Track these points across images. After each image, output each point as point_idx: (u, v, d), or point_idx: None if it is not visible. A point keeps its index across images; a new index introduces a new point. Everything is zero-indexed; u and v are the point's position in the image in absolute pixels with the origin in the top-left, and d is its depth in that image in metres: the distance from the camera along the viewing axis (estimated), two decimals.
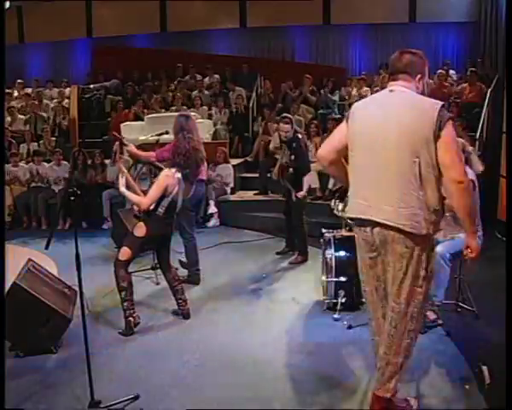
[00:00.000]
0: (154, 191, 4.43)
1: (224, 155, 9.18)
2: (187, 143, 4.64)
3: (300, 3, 13.51)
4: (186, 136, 4.68)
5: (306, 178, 6.44)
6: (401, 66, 2.91)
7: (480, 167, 4.41)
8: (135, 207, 5.15)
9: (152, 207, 4.46)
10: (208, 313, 4.96)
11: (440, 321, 4.40)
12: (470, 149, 4.50)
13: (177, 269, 5.48)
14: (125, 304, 4.45)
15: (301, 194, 6.35)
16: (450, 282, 4.59)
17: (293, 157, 6.30)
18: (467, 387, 3.47)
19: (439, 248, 4.51)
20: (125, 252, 4.47)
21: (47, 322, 4.09)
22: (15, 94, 13.01)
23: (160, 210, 4.47)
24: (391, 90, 2.91)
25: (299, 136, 6.49)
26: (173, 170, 4.54)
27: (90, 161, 9.14)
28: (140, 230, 4.47)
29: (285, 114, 6.87)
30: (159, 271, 5.73)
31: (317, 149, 8.70)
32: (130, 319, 4.44)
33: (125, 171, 4.65)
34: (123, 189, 4.50)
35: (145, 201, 4.44)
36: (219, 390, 3.58)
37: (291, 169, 6.33)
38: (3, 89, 5.92)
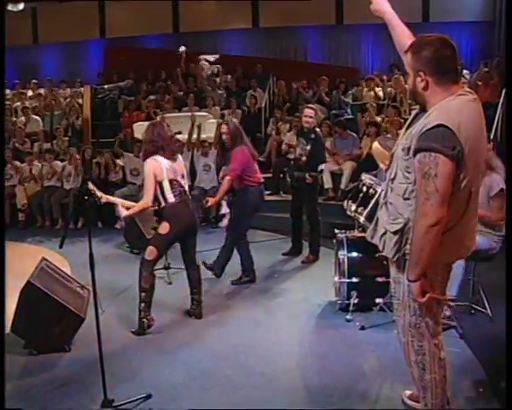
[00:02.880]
0: (147, 183, 4.42)
1: None
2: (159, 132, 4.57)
3: (313, 3, 13.49)
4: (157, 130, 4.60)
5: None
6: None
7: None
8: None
9: (161, 200, 4.47)
10: (220, 314, 4.96)
11: (454, 323, 4.36)
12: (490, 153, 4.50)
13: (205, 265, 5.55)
14: (142, 305, 4.45)
15: (314, 174, 6.35)
16: (464, 281, 4.55)
17: (308, 147, 6.30)
18: (481, 390, 3.43)
19: None
20: (151, 251, 4.47)
21: (60, 321, 4.12)
22: (29, 94, 13.12)
23: (170, 196, 4.47)
24: (475, 99, 2.53)
25: (318, 130, 6.64)
26: (153, 157, 4.46)
27: (101, 160, 9.18)
28: (164, 227, 4.47)
29: (310, 105, 7.00)
30: (171, 270, 5.77)
31: (328, 150, 8.71)
32: (145, 320, 4.46)
33: (115, 198, 4.80)
34: (124, 213, 4.57)
35: (145, 198, 4.43)
36: (231, 391, 3.57)
37: (304, 158, 6.32)
38: (3, 89, 5.99)
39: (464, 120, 2.40)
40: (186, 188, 4.66)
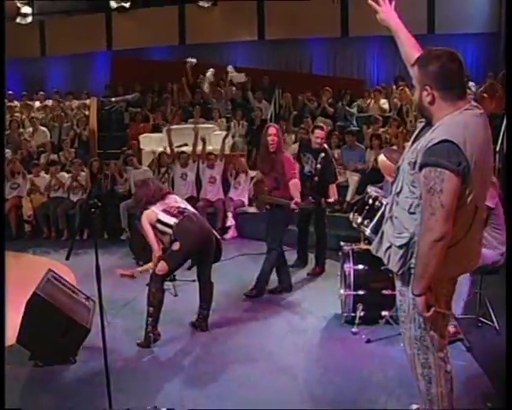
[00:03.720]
0: (148, 236, 4.62)
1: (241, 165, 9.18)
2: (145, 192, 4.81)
3: (318, 16, 13.56)
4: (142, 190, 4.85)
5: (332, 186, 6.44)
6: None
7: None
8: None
9: (166, 230, 4.59)
10: (225, 326, 4.94)
11: (461, 336, 4.34)
12: None
13: None
14: (150, 319, 4.45)
15: (333, 199, 6.35)
16: (470, 295, 4.53)
17: (319, 166, 6.28)
18: (489, 405, 3.41)
19: None
20: (161, 266, 4.49)
21: (66, 332, 4.12)
22: (37, 105, 13.21)
23: (170, 219, 4.55)
24: (481, 113, 2.52)
25: (327, 147, 6.61)
26: (148, 208, 4.66)
27: (108, 172, 9.21)
28: (175, 244, 4.50)
29: (320, 124, 7.03)
30: (177, 282, 5.76)
31: (336, 161, 8.71)
32: (151, 335, 4.45)
33: (143, 268, 4.88)
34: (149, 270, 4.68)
35: (154, 249, 4.60)
36: (236, 403, 3.56)
37: (316, 178, 6.31)
38: (4, 91, 6.04)
39: (470, 135, 2.39)
40: (183, 206, 4.72)
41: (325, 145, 6.53)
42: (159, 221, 4.58)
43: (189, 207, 4.84)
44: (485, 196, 2.61)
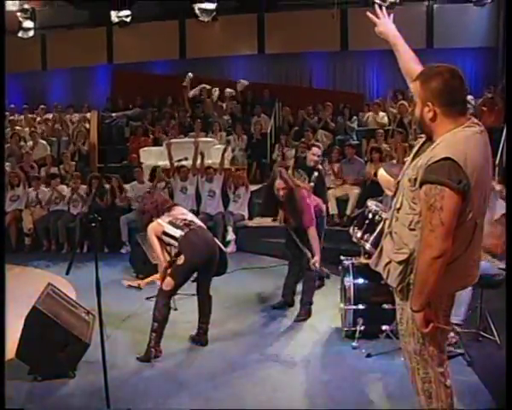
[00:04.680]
0: (155, 248, 4.66)
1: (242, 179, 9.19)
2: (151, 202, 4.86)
3: (318, 30, 13.65)
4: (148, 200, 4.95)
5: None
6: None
7: None
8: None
9: (171, 242, 4.60)
10: (225, 341, 4.92)
11: (461, 350, 4.32)
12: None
13: None
14: (153, 335, 4.44)
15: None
16: (471, 308, 4.52)
17: (312, 184, 6.27)
18: None
19: None
20: (167, 282, 4.48)
21: (65, 346, 4.10)
22: (38, 119, 13.27)
23: (176, 231, 4.55)
24: (482, 131, 2.52)
25: (321, 167, 6.59)
26: (155, 221, 4.68)
27: (107, 186, 9.22)
28: (180, 258, 4.50)
29: (317, 143, 7.04)
30: (177, 296, 5.73)
31: (336, 174, 8.77)
32: (153, 350, 4.43)
33: (150, 279, 5.06)
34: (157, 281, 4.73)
35: (160, 260, 4.64)
36: None
37: None
38: (4, 94, 6.06)
39: (471, 152, 2.40)
40: (189, 218, 4.73)
41: (319, 166, 6.54)
42: (164, 233, 4.58)
43: (196, 219, 4.85)
44: (485, 213, 2.62)
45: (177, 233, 4.53)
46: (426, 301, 2.45)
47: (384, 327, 4.62)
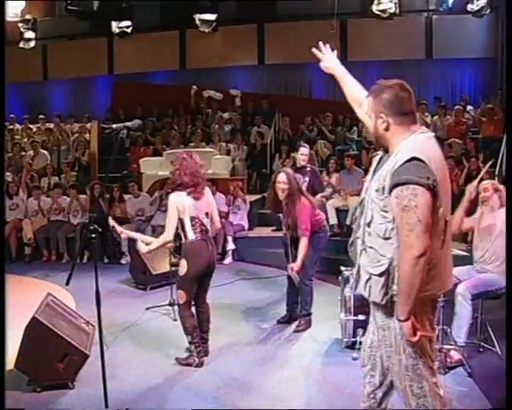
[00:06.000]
0: (169, 218, 4.41)
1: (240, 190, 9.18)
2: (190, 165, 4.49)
3: (318, 40, 13.67)
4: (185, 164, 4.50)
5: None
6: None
7: None
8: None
9: (182, 236, 4.47)
10: (226, 351, 4.91)
11: (462, 361, 4.31)
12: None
13: None
14: (192, 347, 4.51)
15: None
16: (472, 319, 4.51)
17: (307, 179, 6.47)
18: None
19: (460, 288, 4.47)
20: (180, 295, 4.48)
21: (65, 357, 4.09)
22: (34, 129, 13.30)
23: (191, 233, 4.43)
24: (434, 136, 2.65)
25: (312, 166, 6.87)
26: (178, 192, 4.46)
27: (108, 196, 9.22)
28: (181, 268, 4.46)
29: (304, 144, 7.28)
30: (176, 307, 5.73)
31: (333, 185, 8.77)
32: (196, 359, 4.49)
33: (135, 234, 4.85)
34: (145, 249, 4.58)
35: (166, 233, 4.43)
36: None
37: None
38: (4, 97, 6.07)
39: (431, 151, 2.50)
40: (208, 227, 4.57)
41: (310, 164, 6.83)
42: (181, 222, 4.42)
43: (210, 227, 4.62)
44: (450, 209, 2.67)
45: (190, 235, 4.43)
46: (412, 307, 2.46)
47: None
